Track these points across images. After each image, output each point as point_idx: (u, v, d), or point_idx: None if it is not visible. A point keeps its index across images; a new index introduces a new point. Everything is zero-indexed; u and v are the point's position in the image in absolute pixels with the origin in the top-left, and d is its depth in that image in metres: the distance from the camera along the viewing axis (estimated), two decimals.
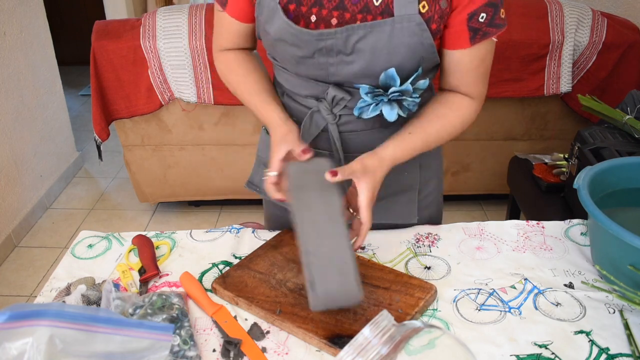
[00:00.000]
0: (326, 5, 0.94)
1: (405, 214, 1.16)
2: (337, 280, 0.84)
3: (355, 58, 0.95)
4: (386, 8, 0.92)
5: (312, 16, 0.94)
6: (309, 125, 1.06)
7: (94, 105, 2.34)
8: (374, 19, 0.92)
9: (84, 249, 1.12)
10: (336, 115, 1.04)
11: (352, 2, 0.92)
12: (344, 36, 0.93)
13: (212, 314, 0.93)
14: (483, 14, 0.92)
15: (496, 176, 2.62)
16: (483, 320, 0.92)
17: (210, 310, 0.94)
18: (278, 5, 0.94)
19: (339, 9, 0.93)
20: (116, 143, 3.05)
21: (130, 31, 2.30)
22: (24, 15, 2.71)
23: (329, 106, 1.03)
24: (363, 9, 0.92)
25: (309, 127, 1.07)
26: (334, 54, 0.95)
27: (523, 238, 1.12)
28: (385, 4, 0.92)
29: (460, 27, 0.94)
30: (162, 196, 2.72)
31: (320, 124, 1.06)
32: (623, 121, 1.80)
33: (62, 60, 3.30)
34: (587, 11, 2.30)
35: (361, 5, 0.92)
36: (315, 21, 0.95)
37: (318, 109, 1.04)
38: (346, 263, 0.85)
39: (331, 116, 1.03)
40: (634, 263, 0.91)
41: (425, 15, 0.91)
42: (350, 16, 0.93)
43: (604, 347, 0.86)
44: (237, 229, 1.17)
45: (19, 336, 0.76)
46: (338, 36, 0.93)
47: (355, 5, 0.92)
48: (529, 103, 2.46)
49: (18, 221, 2.63)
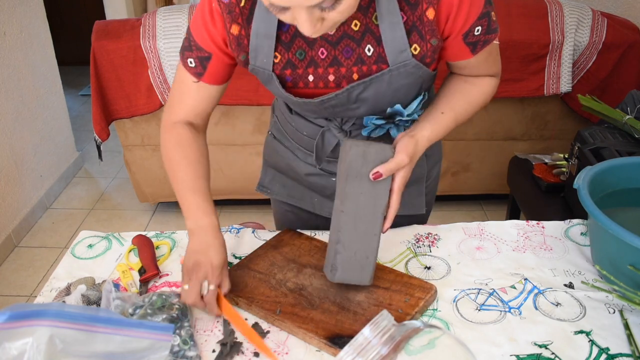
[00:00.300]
0: (321, 64, 0.94)
1: (414, 206, 1.17)
2: (355, 272, 0.93)
3: (359, 105, 0.97)
4: (379, 57, 0.92)
5: (309, 76, 0.96)
6: (322, 144, 1.09)
7: (94, 105, 2.34)
8: (369, 68, 0.93)
9: (84, 249, 1.12)
10: (347, 132, 1.06)
11: (346, 57, 0.93)
12: (345, 95, 0.95)
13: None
14: (478, 28, 0.92)
15: (496, 176, 2.62)
16: (483, 320, 0.92)
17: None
18: (273, 74, 0.95)
19: (333, 65, 0.94)
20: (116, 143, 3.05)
21: (130, 31, 2.30)
22: (24, 15, 2.71)
23: (338, 125, 1.05)
24: (357, 61, 0.93)
25: (322, 147, 1.09)
26: (338, 106, 0.98)
27: (523, 238, 1.12)
28: (377, 52, 0.92)
29: (459, 46, 0.94)
30: (162, 196, 2.72)
31: (332, 141, 1.08)
32: (623, 121, 1.80)
33: (62, 60, 3.30)
34: (587, 11, 2.30)
35: (354, 57, 0.93)
36: (313, 80, 0.96)
37: (329, 128, 1.06)
38: (368, 259, 0.92)
39: (342, 133, 1.05)
40: (634, 263, 0.91)
41: (418, 56, 0.91)
42: (345, 70, 0.94)
43: (604, 347, 0.86)
44: (237, 229, 1.17)
45: (19, 336, 0.76)
46: (340, 97, 0.95)
47: (349, 59, 0.93)
48: (529, 103, 2.46)
49: (18, 221, 2.63)
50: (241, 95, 2.31)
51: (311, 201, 1.20)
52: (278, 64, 0.95)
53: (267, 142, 1.24)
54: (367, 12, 0.90)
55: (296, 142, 1.14)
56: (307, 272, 1.01)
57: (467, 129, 2.50)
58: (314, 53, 0.94)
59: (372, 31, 0.91)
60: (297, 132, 1.12)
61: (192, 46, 0.98)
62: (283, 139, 1.18)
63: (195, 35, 0.97)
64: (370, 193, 0.90)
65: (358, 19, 0.90)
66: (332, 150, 1.09)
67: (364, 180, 0.89)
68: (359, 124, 1.04)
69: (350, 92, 0.94)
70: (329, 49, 0.93)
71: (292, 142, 1.16)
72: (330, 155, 1.10)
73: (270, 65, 0.95)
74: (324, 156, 1.10)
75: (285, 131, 1.16)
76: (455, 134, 2.52)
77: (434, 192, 1.25)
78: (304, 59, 0.94)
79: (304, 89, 0.97)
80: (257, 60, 0.95)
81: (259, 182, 1.26)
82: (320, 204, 1.20)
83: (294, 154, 1.16)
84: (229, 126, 2.47)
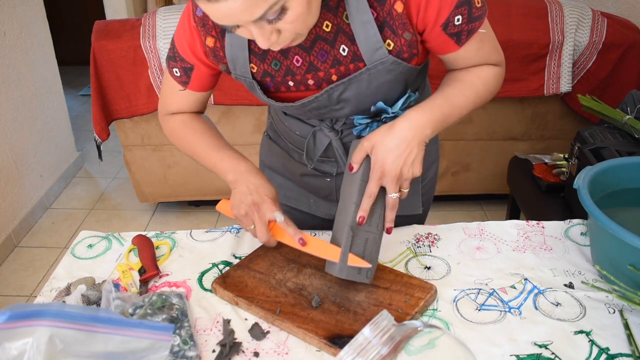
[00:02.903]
0: (297, 71, 0.95)
1: (411, 205, 1.17)
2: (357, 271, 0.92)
3: (343, 105, 0.97)
4: (354, 55, 0.91)
5: (289, 82, 0.96)
6: (313, 144, 1.09)
7: (94, 105, 2.34)
8: (347, 68, 0.93)
9: (84, 249, 1.12)
10: (338, 132, 1.06)
11: (321, 61, 0.93)
12: (325, 97, 0.95)
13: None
14: (458, 17, 0.89)
15: (496, 176, 2.62)
16: (483, 320, 0.92)
17: None
18: (254, 82, 0.96)
19: (310, 71, 0.94)
20: (116, 143, 3.05)
21: (130, 31, 2.30)
22: (24, 15, 2.71)
23: (329, 124, 1.05)
24: (333, 63, 0.93)
25: (313, 146, 1.09)
26: (322, 108, 0.98)
27: (523, 238, 1.12)
28: (352, 52, 0.91)
29: (440, 38, 0.91)
30: (162, 196, 2.72)
31: (324, 141, 1.08)
32: (623, 121, 1.80)
33: (62, 60, 3.30)
34: (587, 11, 2.30)
35: (330, 60, 0.92)
36: (294, 84, 0.96)
37: (320, 128, 1.06)
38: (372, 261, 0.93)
39: (333, 133, 1.06)
40: (634, 263, 0.91)
41: (394, 51, 0.90)
42: (324, 74, 0.94)
43: (604, 347, 0.86)
44: (237, 229, 1.17)
45: (19, 336, 0.76)
46: (320, 99, 0.95)
47: (325, 63, 0.93)
48: (529, 103, 2.46)
49: (18, 221, 2.63)
50: (241, 95, 2.31)
51: (307, 202, 1.20)
52: (256, 73, 0.96)
53: (263, 142, 1.24)
54: (337, 12, 0.89)
55: (290, 143, 1.15)
56: (307, 272, 1.01)
57: (467, 129, 2.50)
58: (289, 62, 0.94)
59: (344, 30, 0.90)
60: (290, 132, 1.12)
61: (176, 57, 1.00)
62: (278, 139, 1.18)
63: (178, 46, 0.99)
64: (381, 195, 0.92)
65: (329, 20, 0.89)
66: (325, 150, 1.09)
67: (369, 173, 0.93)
68: (350, 123, 1.04)
69: (330, 93, 0.94)
70: (303, 55, 0.93)
71: (286, 143, 1.16)
72: (323, 155, 1.10)
73: (249, 74, 0.96)
74: (315, 156, 1.10)
75: (279, 131, 1.16)
76: (455, 134, 2.52)
77: (432, 192, 1.25)
78: (279, 68, 0.95)
79: (286, 92, 0.98)
80: (237, 70, 0.97)
81: None
82: (317, 204, 1.20)
83: (289, 154, 1.16)
84: (229, 126, 2.47)
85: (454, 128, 2.46)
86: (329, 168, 1.14)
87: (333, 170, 1.14)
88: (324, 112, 1.00)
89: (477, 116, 2.46)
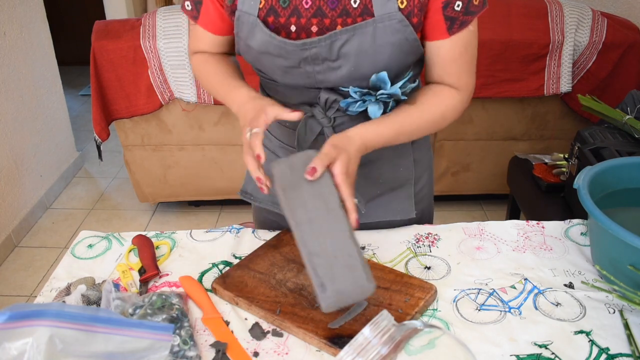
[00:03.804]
0: (304, 14, 0.93)
1: (403, 210, 1.16)
2: (346, 276, 0.81)
3: (341, 63, 0.95)
4: (365, 9, 0.91)
5: (291, 26, 0.94)
6: (304, 131, 1.05)
7: (94, 105, 2.34)
8: (354, 21, 0.92)
9: (84, 249, 1.12)
10: (331, 119, 1.03)
11: (330, 7, 0.92)
12: (327, 43, 0.92)
13: (204, 319, 0.92)
14: (459, 2, 0.91)
15: (496, 176, 2.62)
16: (483, 320, 0.92)
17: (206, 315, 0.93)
18: (257, 19, 0.94)
19: (317, 15, 0.93)
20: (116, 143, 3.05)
21: (130, 31, 2.30)
22: (24, 15, 2.71)
23: (322, 110, 1.02)
24: (342, 13, 0.92)
25: (305, 134, 1.05)
26: (319, 61, 0.95)
27: (523, 238, 1.12)
28: (364, 4, 0.91)
29: (436, 16, 0.93)
30: (162, 196, 2.72)
31: (315, 129, 1.05)
32: (623, 121, 1.80)
33: (62, 60, 3.30)
34: (587, 11, 2.30)
35: (339, 9, 0.92)
36: (296, 30, 0.95)
37: (312, 114, 1.03)
38: (352, 256, 0.82)
39: (326, 119, 1.03)
40: (634, 263, 0.91)
41: (405, 10, 0.90)
42: (330, 22, 0.93)
43: (604, 347, 0.86)
44: (237, 229, 1.17)
45: (19, 336, 0.76)
46: (322, 44, 0.93)
47: (334, 10, 0.92)
48: (529, 103, 2.46)
49: (18, 221, 2.63)
50: None
51: None
52: (262, 9, 0.94)
53: None
54: None
55: (277, 138, 1.13)
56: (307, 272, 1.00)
57: (467, 129, 2.50)
58: (298, 2, 0.92)
59: None
60: (279, 126, 1.11)
61: None
62: (265, 139, 1.16)
63: None
64: (314, 196, 0.84)
65: None
66: (314, 140, 1.05)
67: (302, 187, 0.85)
68: (342, 111, 1.01)
69: (333, 41, 0.92)
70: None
71: (273, 140, 1.14)
72: (312, 146, 1.06)
73: (256, 10, 0.94)
74: (306, 145, 1.06)
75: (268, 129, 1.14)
76: (455, 134, 2.52)
77: (430, 196, 1.24)
78: (287, 6, 0.93)
79: (284, 39, 0.95)
80: (245, 5, 0.95)
81: (242, 188, 1.22)
82: None
83: (275, 154, 1.14)
84: (229, 126, 2.47)
85: (454, 128, 2.46)
86: None
87: None
88: (319, 70, 0.96)
89: (477, 116, 2.46)
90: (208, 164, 2.59)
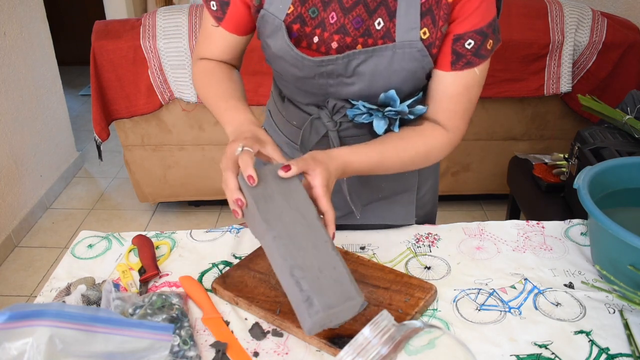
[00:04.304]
0: (328, 28, 0.93)
1: (403, 216, 1.16)
2: (334, 289, 0.77)
3: (355, 80, 0.95)
4: (387, 32, 0.91)
5: (314, 37, 0.94)
6: (309, 132, 1.06)
7: (94, 105, 2.34)
8: (374, 42, 0.92)
9: (84, 249, 1.12)
10: (337, 123, 1.03)
11: (354, 27, 0.92)
12: (344, 62, 0.93)
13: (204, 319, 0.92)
14: (471, 41, 0.91)
15: (496, 176, 2.62)
16: (483, 320, 0.92)
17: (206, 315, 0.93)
18: (282, 24, 0.93)
19: (339, 32, 0.93)
20: (116, 143, 3.05)
21: (130, 31, 2.30)
22: (24, 15, 2.71)
23: (329, 114, 1.02)
24: (364, 33, 0.92)
25: (309, 134, 1.06)
26: (334, 76, 0.95)
27: (523, 238, 1.12)
28: (387, 28, 0.91)
29: (445, 47, 0.92)
30: (162, 196, 2.72)
31: (320, 131, 1.05)
32: (623, 121, 1.80)
33: (62, 60, 3.30)
34: (587, 11, 2.30)
35: (363, 29, 0.92)
36: (317, 42, 0.94)
37: (319, 116, 1.04)
38: (337, 269, 0.78)
39: (332, 123, 1.03)
40: (634, 263, 0.91)
41: (427, 41, 0.91)
42: (351, 40, 0.93)
43: (604, 347, 0.86)
44: (237, 229, 1.17)
45: (19, 336, 0.76)
46: (339, 62, 0.93)
47: (357, 30, 0.92)
48: (529, 103, 2.46)
49: (18, 221, 2.63)
50: None
51: None
52: (289, 15, 0.93)
53: None
54: None
55: (285, 135, 1.13)
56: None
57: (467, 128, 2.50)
58: (325, 15, 0.92)
59: (387, 4, 0.90)
60: (287, 123, 1.11)
61: None
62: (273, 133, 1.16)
63: None
64: (290, 209, 0.81)
65: None
66: (318, 141, 1.05)
67: (276, 200, 0.82)
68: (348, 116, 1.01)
69: (350, 59, 0.92)
70: (339, 15, 0.91)
71: (280, 136, 1.14)
72: (315, 147, 1.06)
73: (283, 14, 0.93)
74: (310, 145, 1.06)
75: (276, 122, 1.15)
76: None
77: (434, 200, 1.24)
78: (315, 17, 0.92)
79: (305, 49, 0.95)
80: (272, 6, 0.93)
81: None
82: None
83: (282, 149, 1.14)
84: None
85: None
86: None
87: None
88: (332, 84, 0.96)
89: (477, 116, 2.46)
90: (208, 164, 2.59)
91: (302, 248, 0.78)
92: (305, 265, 0.77)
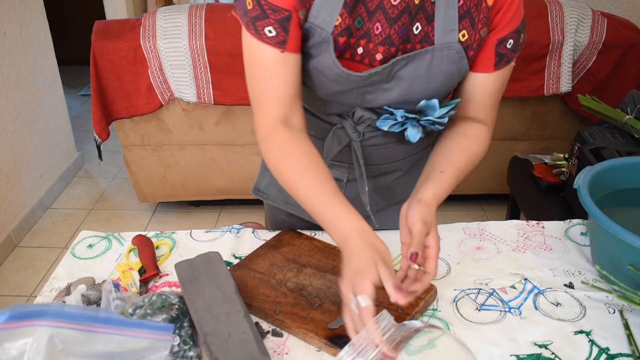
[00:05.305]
0: (373, 39, 0.90)
1: None
2: (239, 350, 0.82)
3: (393, 85, 0.94)
4: (425, 36, 0.91)
5: (359, 48, 0.91)
6: (332, 141, 1.03)
7: (94, 105, 2.34)
8: (413, 47, 0.91)
9: (84, 249, 1.12)
10: (360, 133, 1.01)
11: (399, 37, 0.90)
12: (387, 70, 0.91)
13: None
14: (510, 40, 0.93)
15: (496, 176, 2.62)
16: (483, 320, 0.92)
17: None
18: (330, 37, 0.87)
19: (385, 44, 0.90)
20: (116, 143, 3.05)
21: (130, 31, 2.30)
22: (24, 15, 2.71)
23: (353, 124, 1.01)
24: (404, 40, 0.91)
25: (332, 144, 1.04)
26: (374, 85, 0.93)
27: (523, 238, 1.12)
28: (425, 32, 0.91)
29: (488, 51, 0.93)
30: (162, 196, 2.72)
31: (343, 140, 1.03)
32: (623, 121, 1.80)
33: (62, 60, 3.30)
34: (587, 11, 2.30)
35: (404, 36, 0.91)
36: (361, 53, 0.91)
37: (342, 126, 1.02)
38: (245, 333, 0.84)
39: (356, 134, 1.01)
40: (634, 263, 0.91)
41: (464, 43, 0.91)
42: (395, 50, 0.91)
43: (604, 347, 0.86)
44: (237, 229, 1.17)
45: (19, 336, 0.76)
46: (383, 72, 0.91)
47: (401, 38, 0.91)
48: (529, 103, 2.46)
49: (18, 221, 2.63)
50: (241, 95, 2.31)
51: None
52: (337, 27, 0.87)
53: None
54: None
55: None
56: (307, 272, 1.01)
57: None
58: (371, 25, 0.90)
59: (425, 9, 0.89)
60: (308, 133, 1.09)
61: (266, 10, 0.84)
62: None
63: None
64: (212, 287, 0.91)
65: None
66: (341, 151, 1.04)
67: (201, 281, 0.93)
68: (373, 126, 1.00)
69: (393, 66, 0.90)
70: (384, 25, 0.89)
71: None
72: (336, 158, 1.06)
73: (331, 27, 0.86)
74: (331, 155, 1.05)
75: None
76: None
77: None
78: (360, 27, 0.89)
79: (348, 60, 0.91)
80: (319, 18, 0.86)
81: (254, 185, 1.22)
82: None
83: None
84: (229, 126, 2.47)
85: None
86: (339, 174, 1.11)
87: (344, 177, 1.11)
88: (370, 91, 0.93)
89: None
90: (208, 164, 2.58)
91: (216, 317, 0.87)
92: (216, 332, 0.85)
